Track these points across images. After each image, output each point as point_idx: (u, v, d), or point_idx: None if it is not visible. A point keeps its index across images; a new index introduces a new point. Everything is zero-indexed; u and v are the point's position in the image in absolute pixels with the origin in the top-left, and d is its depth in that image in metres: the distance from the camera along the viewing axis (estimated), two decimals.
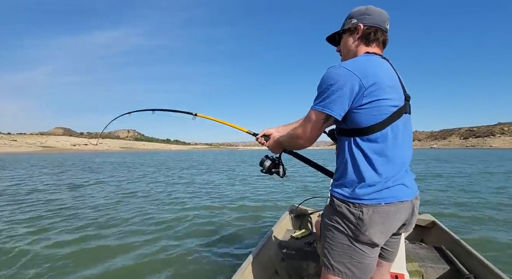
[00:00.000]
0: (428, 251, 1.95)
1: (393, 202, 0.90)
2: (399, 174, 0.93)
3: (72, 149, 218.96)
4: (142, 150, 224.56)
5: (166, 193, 7.18)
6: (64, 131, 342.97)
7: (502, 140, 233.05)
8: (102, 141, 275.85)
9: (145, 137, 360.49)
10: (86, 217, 4.50)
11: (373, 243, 0.92)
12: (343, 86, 0.87)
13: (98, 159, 30.78)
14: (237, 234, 3.72)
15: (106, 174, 12.53)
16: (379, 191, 0.90)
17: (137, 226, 4.07)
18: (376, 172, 0.90)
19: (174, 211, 5.06)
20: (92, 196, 6.60)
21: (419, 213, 2.54)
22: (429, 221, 2.45)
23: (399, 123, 0.92)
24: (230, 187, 8.26)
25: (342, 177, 0.96)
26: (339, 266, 0.94)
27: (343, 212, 0.92)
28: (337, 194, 0.95)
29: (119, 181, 9.88)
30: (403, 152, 0.95)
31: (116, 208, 5.22)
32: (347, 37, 1.06)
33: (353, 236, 0.92)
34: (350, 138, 0.94)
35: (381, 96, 0.88)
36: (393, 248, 1.07)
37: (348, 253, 0.93)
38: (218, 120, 1.68)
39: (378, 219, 0.89)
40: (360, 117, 0.90)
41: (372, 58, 0.95)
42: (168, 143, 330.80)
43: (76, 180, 10.16)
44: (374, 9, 1.02)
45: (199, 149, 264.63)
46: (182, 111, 1.84)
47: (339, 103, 0.88)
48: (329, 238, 0.96)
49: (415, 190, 0.99)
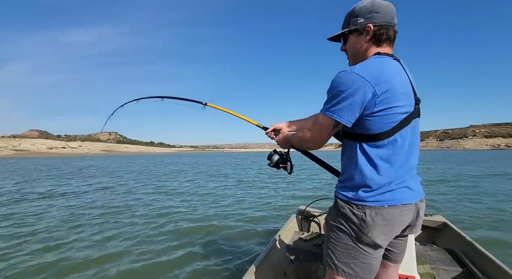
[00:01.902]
0: (440, 253, 1.91)
1: (396, 204, 0.90)
2: (404, 177, 0.93)
3: (48, 153, 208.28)
4: (124, 153, 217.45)
5: (167, 197, 6.96)
6: (40, 133, 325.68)
7: (474, 141, 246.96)
8: (81, 144, 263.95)
9: (127, 140, 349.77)
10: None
11: (375, 244, 0.92)
12: (355, 93, 0.84)
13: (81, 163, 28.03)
14: (245, 237, 3.68)
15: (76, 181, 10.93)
16: (382, 193, 0.90)
17: (143, 230, 4.03)
18: (381, 176, 0.90)
19: (179, 216, 4.95)
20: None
21: (430, 214, 2.53)
22: (440, 223, 2.38)
23: (408, 128, 0.91)
24: (235, 190, 8.08)
25: (346, 179, 0.97)
26: (343, 266, 0.95)
27: (346, 213, 0.93)
28: (341, 196, 0.96)
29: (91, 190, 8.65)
30: (410, 157, 0.95)
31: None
32: (355, 38, 0.99)
33: (356, 236, 0.92)
34: (357, 143, 0.93)
35: (393, 103, 0.86)
36: (398, 250, 1.07)
37: (352, 253, 0.94)
38: (228, 111, 1.64)
39: (380, 221, 0.89)
40: (370, 124, 0.89)
41: (384, 60, 0.92)
42: (152, 146, 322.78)
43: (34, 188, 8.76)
44: (381, 4, 0.94)
45: (184, 152, 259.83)
46: (192, 99, 1.78)
47: (350, 111, 0.86)
48: (333, 238, 0.97)
49: (420, 192, 0.98)
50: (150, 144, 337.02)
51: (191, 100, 1.79)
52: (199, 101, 1.75)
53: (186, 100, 1.82)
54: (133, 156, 78.22)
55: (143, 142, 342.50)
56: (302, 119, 1.32)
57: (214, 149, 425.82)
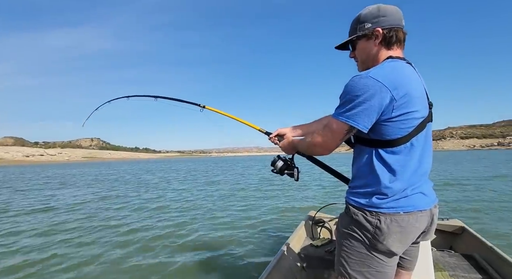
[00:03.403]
0: (459, 259, 1.85)
1: (411, 211, 0.88)
2: (418, 183, 0.91)
3: (25, 161, 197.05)
4: (108, 159, 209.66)
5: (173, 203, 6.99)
6: (15, 140, 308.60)
7: (452, 142, 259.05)
8: (61, 151, 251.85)
9: (111, 146, 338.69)
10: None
11: (391, 252, 0.90)
12: (372, 98, 0.82)
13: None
14: (255, 243, 3.66)
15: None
16: (396, 199, 0.88)
17: (151, 236, 4.05)
18: (397, 183, 0.88)
19: (186, 223, 4.96)
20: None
21: (447, 218, 2.46)
22: (458, 227, 2.28)
23: (423, 133, 0.91)
24: (243, 196, 7.98)
25: (359, 185, 0.94)
26: (356, 275, 0.92)
27: (360, 220, 0.90)
28: (353, 202, 0.94)
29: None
30: (425, 162, 0.94)
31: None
32: (364, 43, 0.98)
33: (370, 244, 0.90)
34: (372, 149, 0.91)
35: (410, 108, 0.85)
36: (411, 257, 1.06)
37: (366, 261, 0.91)
38: (228, 115, 1.54)
39: (396, 228, 0.87)
40: (386, 129, 0.87)
41: (398, 64, 0.91)
42: (137, 152, 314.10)
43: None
44: (387, 8, 0.94)
45: (170, 157, 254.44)
46: (188, 101, 1.65)
47: (366, 116, 0.84)
48: (345, 246, 0.95)
49: (433, 198, 0.97)
50: (135, 150, 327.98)
51: (187, 102, 1.65)
52: (196, 103, 1.63)
53: (182, 101, 1.67)
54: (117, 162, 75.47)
55: (127, 148, 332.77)
56: (307, 124, 1.28)
57: (201, 154, 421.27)
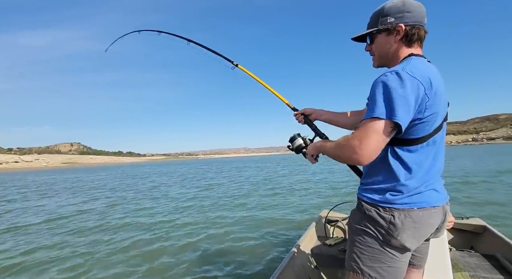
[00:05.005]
0: (480, 260, 1.82)
1: (425, 207, 0.89)
2: (431, 180, 0.91)
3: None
4: (89, 165, 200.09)
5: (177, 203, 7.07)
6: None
7: None
8: (38, 157, 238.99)
9: (92, 150, 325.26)
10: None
11: (404, 248, 0.90)
12: (409, 94, 0.79)
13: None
14: (267, 242, 3.67)
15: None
16: (410, 196, 0.88)
17: (160, 237, 4.11)
18: (412, 181, 0.88)
19: (197, 223, 4.99)
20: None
21: (467, 217, 2.42)
22: (479, 226, 2.26)
23: (439, 133, 0.90)
24: (255, 195, 7.92)
25: (372, 182, 0.94)
26: (369, 270, 0.92)
27: (373, 216, 0.91)
28: (366, 198, 0.94)
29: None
30: (439, 160, 0.94)
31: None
32: (384, 38, 0.95)
33: (384, 240, 0.90)
34: (388, 147, 0.88)
35: (437, 108, 0.84)
36: (422, 254, 1.06)
37: (379, 257, 0.91)
38: (259, 80, 1.48)
39: (410, 224, 0.88)
40: (414, 129, 0.84)
41: (425, 62, 0.89)
42: (120, 156, 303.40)
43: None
44: (412, 4, 0.91)
45: (156, 160, 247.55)
46: (222, 55, 1.60)
47: (407, 114, 0.80)
48: (358, 242, 0.95)
49: (445, 195, 0.98)
50: (118, 154, 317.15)
51: (221, 55, 1.62)
52: (230, 59, 1.58)
53: (215, 53, 1.63)
54: (99, 167, 72.11)
55: (110, 152, 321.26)
56: (338, 112, 1.28)
57: (188, 156, 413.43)
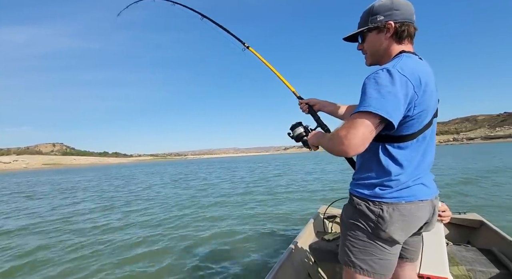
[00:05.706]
0: (477, 254, 1.86)
1: (413, 200, 0.91)
2: (420, 175, 0.93)
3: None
4: (72, 166, 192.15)
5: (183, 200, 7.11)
6: None
7: None
8: (17, 158, 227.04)
9: (76, 151, 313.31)
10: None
11: (393, 240, 0.93)
12: (399, 92, 0.79)
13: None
14: (266, 237, 3.72)
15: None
16: (399, 190, 0.90)
17: (162, 232, 4.25)
18: (402, 176, 0.90)
19: (199, 219, 5.03)
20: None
21: (464, 212, 2.43)
22: (476, 221, 2.30)
23: (429, 129, 0.92)
24: (255, 190, 8.06)
25: (363, 177, 0.96)
26: (360, 263, 0.95)
27: (363, 210, 0.93)
28: (357, 193, 0.97)
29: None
30: (428, 155, 0.96)
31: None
32: (375, 36, 0.97)
33: (373, 233, 0.93)
34: (379, 144, 0.91)
35: (427, 105, 0.85)
36: (414, 247, 1.09)
37: (369, 250, 0.94)
38: (269, 65, 1.47)
39: (398, 217, 0.90)
40: (402, 127, 0.86)
41: (416, 59, 0.90)
42: (106, 157, 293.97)
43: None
44: (400, 2, 0.93)
45: (143, 161, 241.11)
46: (234, 35, 1.58)
47: (397, 109, 0.80)
48: (349, 236, 0.98)
49: (434, 190, 0.99)
50: (103, 155, 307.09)
51: (233, 35, 1.59)
52: (241, 40, 1.56)
53: (228, 32, 1.60)
54: (83, 169, 69.13)
55: (95, 153, 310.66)
56: (342, 105, 1.30)
57: (176, 156, 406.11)
